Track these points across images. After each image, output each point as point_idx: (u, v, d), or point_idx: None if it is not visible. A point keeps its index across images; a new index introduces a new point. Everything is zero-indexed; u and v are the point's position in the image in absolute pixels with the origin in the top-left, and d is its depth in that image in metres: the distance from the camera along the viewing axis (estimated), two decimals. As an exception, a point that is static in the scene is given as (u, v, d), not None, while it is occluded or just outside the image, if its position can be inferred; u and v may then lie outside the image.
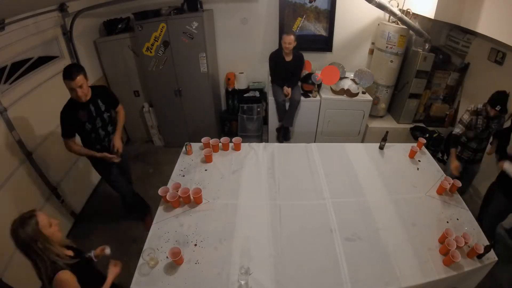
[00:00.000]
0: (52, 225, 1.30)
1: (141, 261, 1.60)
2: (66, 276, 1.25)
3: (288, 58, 3.25)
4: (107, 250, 1.58)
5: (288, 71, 3.34)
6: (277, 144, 2.64)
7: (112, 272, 1.49)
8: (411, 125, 3.75)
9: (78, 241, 2.58)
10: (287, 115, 3.45)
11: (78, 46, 3.03)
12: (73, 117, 2.02)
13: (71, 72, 1.86)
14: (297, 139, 3.70)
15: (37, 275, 1.25)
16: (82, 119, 2.05)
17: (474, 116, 2.38)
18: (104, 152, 2.22)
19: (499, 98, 2.22)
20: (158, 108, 3.78)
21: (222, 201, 2.02)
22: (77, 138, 2.18)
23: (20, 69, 2.35)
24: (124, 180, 2.56)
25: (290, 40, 3.07)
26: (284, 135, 3.61)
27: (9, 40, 2.17)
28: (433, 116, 3.76)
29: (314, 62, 3.75)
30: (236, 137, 2.51)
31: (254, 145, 2.59)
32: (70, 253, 1.37)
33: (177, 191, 1.95)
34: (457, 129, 2.47)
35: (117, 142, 2.27)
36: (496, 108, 2.21)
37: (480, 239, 1.79)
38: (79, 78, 1.88)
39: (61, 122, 2.02)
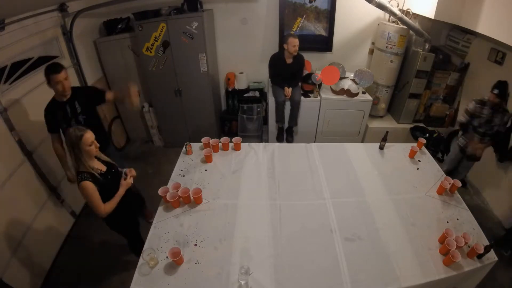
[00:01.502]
0: (93, 145, 1.70)
1: (141, 261, 1.60)
2: (87, 185, 1.65)
3: (289, 60, 3.24)
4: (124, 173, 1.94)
5: (289, 73, 3.34)
6: (277, 144, 2.64)
7: (123, 185, 1.86)
8: (411, 125, 3.75)
9: (79, 240, 2.58)
10: (290, 116, 3.46)
11: (78, 46, 3.03)
12: (52, 116, 2.13)
13: (56, 66, 2.02)
14: (297, 139, 3.70)
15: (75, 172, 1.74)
16: (58, 119, 2.13)
17: (479, 105, 2.49)
18: None
19: (498, 83, 2.34)
20: (158, 108, 3.78)
21: (222, 201, 2.02)
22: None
23: (20, 69, 2.35)
24: None
25: (297, 43, 3.07)
26: (288, 137, 3.61)
27: (9, 40, 2.17)
28: (433, 116, 3.76)
29: (314, 62, 3.75)
30: (236, 137, 2.51)
31: (254, 145, 2.59)
32: (102, 168, 1.82)
33: (177, 191, 1.95)
34: (462, 118, 2.62)
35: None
36: (494, 92, 2.32)
37: (480, 239, 1.79)
38: (64, 72, 2.03)
39: (44, 119, 2.15)
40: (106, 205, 1.75)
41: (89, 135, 1.68)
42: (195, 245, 1.72)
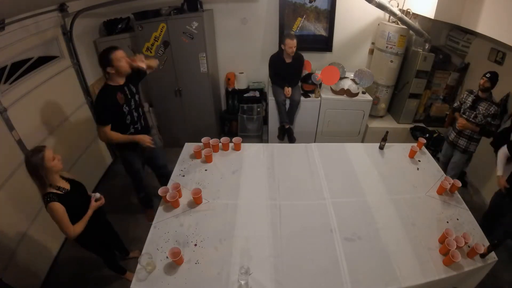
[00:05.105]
0: (55, 159, 1.61)
1: (139, 266, 1.60)
2: (55, 206, 1.59)
3: (289, 59, 3.25)
4: (96, 195, 1.86)
5: (289, 73, 3.34)
6: (277, 144, 2.64)
7: (92, 206, 1.80)
8: (411, 125, 3.75)
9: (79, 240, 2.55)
10: (288, 115, 3.46)
11: (78, 46, 3.03)
12: (112, 101, 2.07)
13: (112, 46, 2.03)
14: (297, 139, 3.70)
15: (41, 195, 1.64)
16: (120, 102, 2.11)
17: (466, 93, 2.69)
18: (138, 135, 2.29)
19: (491, 72, 2.44)
20: (158, 108, 3.78)
21: (222, 201, 2.02)
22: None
23: (20, 69, 2.34)
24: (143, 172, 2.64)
25: (294, 44, 3.07)
26: (289, 137, 3.61)
27: (9, 40, 2.17)
28: (433, 116, 3.76)
29: (314, 62, 3.75)
30: (236, 137, 2.51)
31: (254, 145, 2.59)
32: (67, 186, 1.73)
33: (177, 191, 1.95)
34: (455, 103, 2.87)
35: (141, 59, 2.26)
36: (486, 75, 2.42)
37: (480, 239, 1.79)
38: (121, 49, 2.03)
39: (98, 109, 2.07)
40: (75, 227, 1.70)
41: (49, 151, 1.59)
42: (195, 245, 1.72)
